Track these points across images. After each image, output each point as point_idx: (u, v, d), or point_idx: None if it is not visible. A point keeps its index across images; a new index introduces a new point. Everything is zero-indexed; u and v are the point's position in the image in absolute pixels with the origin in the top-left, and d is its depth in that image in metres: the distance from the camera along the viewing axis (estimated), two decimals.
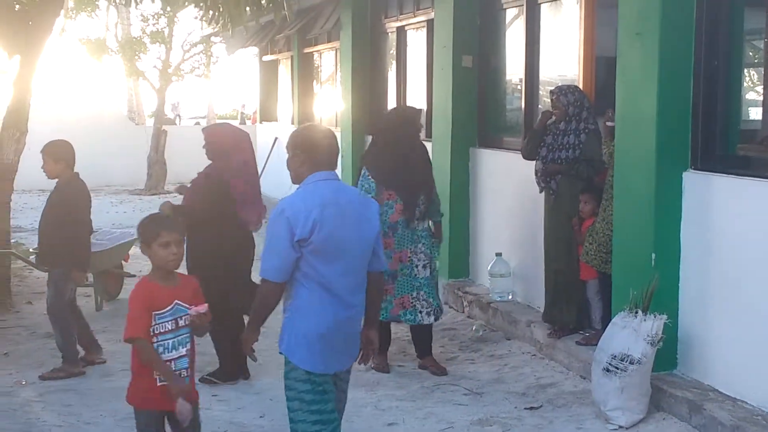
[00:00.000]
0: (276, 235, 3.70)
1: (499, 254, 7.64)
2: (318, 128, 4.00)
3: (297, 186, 3.84)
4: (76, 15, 17.55)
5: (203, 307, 3.96)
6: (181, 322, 3.94)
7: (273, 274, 3.72)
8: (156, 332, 3.87)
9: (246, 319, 6.45)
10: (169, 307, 3.91)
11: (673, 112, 5.38)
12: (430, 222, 6.49)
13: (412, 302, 6.25)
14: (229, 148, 6.09)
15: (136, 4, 11.20)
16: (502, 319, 7.33)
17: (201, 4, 11.05)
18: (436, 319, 6.39)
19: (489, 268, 7.70)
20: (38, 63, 8.48)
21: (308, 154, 3.80)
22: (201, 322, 3.98)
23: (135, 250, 9.82)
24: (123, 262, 9.05)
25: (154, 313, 3.87)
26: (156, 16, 19.31)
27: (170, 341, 3.89)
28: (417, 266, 6.26)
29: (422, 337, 6.47)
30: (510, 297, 7.64)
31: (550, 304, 6.56)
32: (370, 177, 6.23)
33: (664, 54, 5.35)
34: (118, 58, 19.70)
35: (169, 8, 17.15)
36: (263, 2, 10.62)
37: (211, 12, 10.92)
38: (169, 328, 3.90)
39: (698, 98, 5.36)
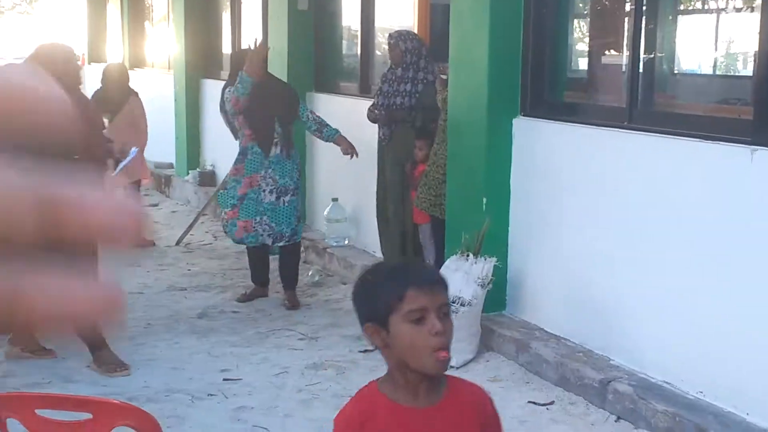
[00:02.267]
0: None
1: (335, 199, 7.65)
2: None
3: None
4: None
5: None
6: None
7: None
8: None
9: None
10: None
11: (503, 60, 5.48)
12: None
13: (254, 226, 6.37)
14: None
15: None
16: (338, 264, 7.36)
17: None
18: (275, 243, 6.47)
19: (325, 213, 7.70)
20: None
21: None
22: None
23: None
24: None
25: None
26: None
27: None
28: (264, 191, 6.34)
29: (283, 270, 6.60)
30: (347, 242, 7.68)
31: (387, 251, 6.64)
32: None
33: (495, 1, 5.43)
34: None
35: None
36: None
37: None
38: None
39: (528, 46, 5.48)
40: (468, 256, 5.31)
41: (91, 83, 15.75)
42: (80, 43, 17.57)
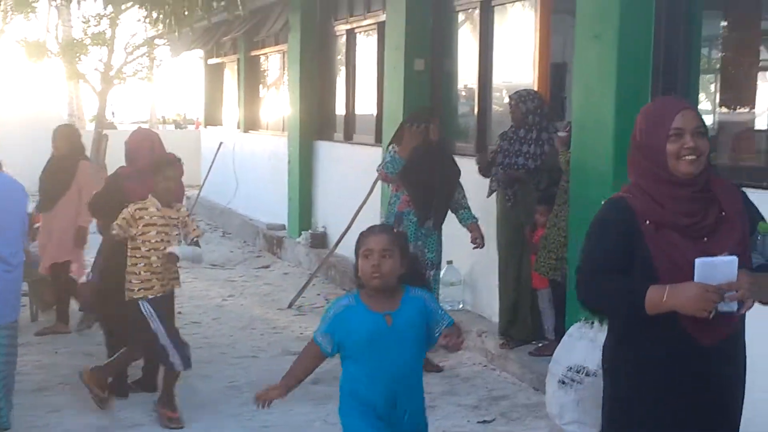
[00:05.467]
0: None
1: (449, 262, 7.46)
2: None
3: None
4: (12, 17, 17.06)
5: None
6: None
7: None
8: None
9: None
10: None
11: (631, 117, 5.23)
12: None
13: None
14: (133, 153, 5.75)
15: (79, 4, 10.82)
16: None
17: (145, 5, 10.73)
18: None
19: (440, 275, 7.52)
20: None
21: None
22: None
23: None
24: None
25: None
26: (98, 18, 18.87)
27: None
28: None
29: None
30: (461, 306, 7.47)
31: (506, 320, 6.42)
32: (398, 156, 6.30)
33: (623, 57, 5.24)
34: (58, 61, 19.20)
35: (111, 8, 16.77)
36: (214, 4, 10.36)
37: (155, 13, 10.63)
38: None
39: None
40: (592, 323, 5.06)
41: (207, 145, 16.10)
42: (197, 108, 17.99)
